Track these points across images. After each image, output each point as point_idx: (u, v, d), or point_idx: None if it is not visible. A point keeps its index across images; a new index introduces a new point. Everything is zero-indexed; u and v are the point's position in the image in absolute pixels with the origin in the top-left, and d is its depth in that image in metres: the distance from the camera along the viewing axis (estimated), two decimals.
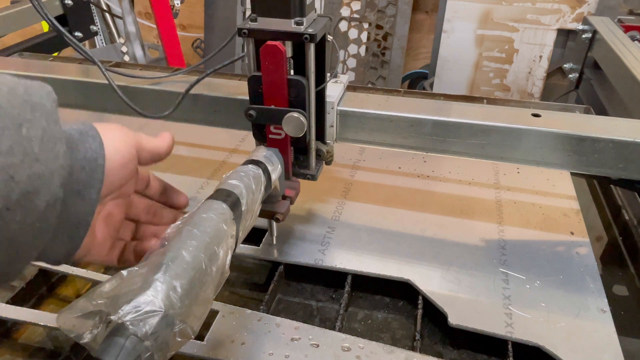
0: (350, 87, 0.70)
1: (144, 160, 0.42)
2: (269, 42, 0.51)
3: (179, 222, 0.40)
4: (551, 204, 0.75)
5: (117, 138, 0.39)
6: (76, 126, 0.37)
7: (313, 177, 0.62)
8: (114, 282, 0.34)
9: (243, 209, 0.45)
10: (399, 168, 0.84)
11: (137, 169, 0.43)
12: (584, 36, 1.10)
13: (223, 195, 0.44)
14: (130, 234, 0.47)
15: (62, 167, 0.32)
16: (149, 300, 0.32)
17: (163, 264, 0.35)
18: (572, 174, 0.81)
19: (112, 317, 0.31)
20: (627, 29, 1.08)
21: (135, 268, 0.35)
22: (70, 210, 0.35)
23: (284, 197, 0.60)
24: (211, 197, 0.44)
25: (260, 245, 0.67)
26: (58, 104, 0.33)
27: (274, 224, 0.66)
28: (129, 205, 0.46)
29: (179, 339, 0.33)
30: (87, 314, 0.33)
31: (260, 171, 0.51)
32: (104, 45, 1.58)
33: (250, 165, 0.51)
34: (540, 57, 1.68)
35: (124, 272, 0.35)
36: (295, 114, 0.54)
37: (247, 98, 0.56)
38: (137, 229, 0.48)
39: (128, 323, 0.31)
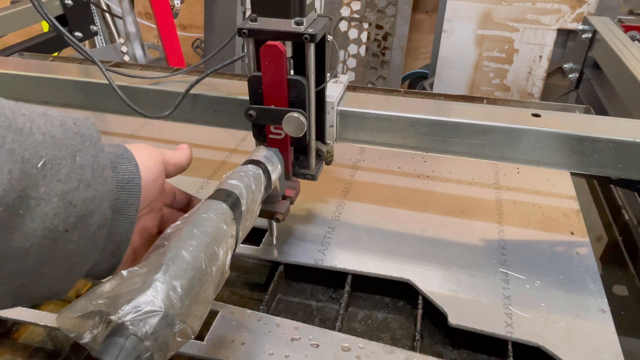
0: (350, 87, 0.70)
1: (170, 173, 0.46)
2: (269, 42, 0.51)
3: (179, 222, 0.40)
4: (551, 204, 0.75)
5: (147, 157, 0.42)
6: (112, 149, 0.40)
7: (313, 177, 0.62)
8: (114, 282, 0.34)
9: (243, 209, 0.45)
10: (399, 168, 0.84)
11: (164, 183, 0.46)
12: (584, 36, 1.10)
13: (223, 195, 0.44)
14: None
15: (110, 191, 0.36)
16: (149, 300, 0.32)
17: (163, 264, 0.35)
18: (572, 174, 0.81)
19: (112, 317, 0.31)
20: (627, 29, 1.08)
21: (135, 268, 0.35)
22: (113, 228, 0.38)
23: (284, 197, 0.60)
24: (211, 197, 0.44)
25: (260, 245, 0.67)
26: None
27: (274, 224, 0.66)
28: (161, 219, 0.48)
29: (179, 339, 0.33)
30: (87, 314, 0.33)
31: (260, 171, 0.51)
32: (104, 45, 1.58)
33: (250, 165, 0.51)
34: (540, 57, 1.68)
35: (124, 272, 0.35)
36: (295, 114, 0.54)
37: (247, 98, 0.56)
38: None
39: (128, 323, 0.31)
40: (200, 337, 0.53)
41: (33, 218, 0.30)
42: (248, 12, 1.98)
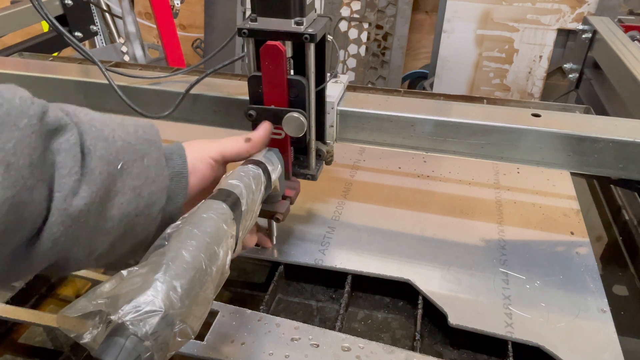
0: (350, 87, 0.70)
1: (230, 159, 0.53)
2: (269, 42, 0.51)
3: (179, 222, 0.40)
4: (551, 204, 0.75)
5: (197, 153, 0.49)
6: (169, 146, 0.48)
7: (313, 177, 0.62)
8: (114, 282, 0.34)
9: (243, 209, 0.45)
10: (399, 168, 0.84)
11: (218, 173, 0.52)
12: (584, 36, 1.10)
13: (223, 195, 0.44)
14: None
15: (167, 186, 0.45)
16: (149, 300, 0.32)
17: (163, 263, 0.35)
18: (572, 174, 0.81)
19: (112, 317, 0.31)
20: (627, 29, 1.08)
21: (135, 268, 0.35)
22: (165, 213, 0.46)
23: (284, 197, 0.60)
24: (211, 197, 0.44)
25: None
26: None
27: (274, 224, 0.66)
28: None
29: (179, 339, 0.33)
30: (87, 314, 0.33)
31: (260, 171, 0.51)
32: (104, 45, 1.58)
33: (250, 165, 0.51)
34: (540, 57, 1.68)
35: (124, 272, 0.35)
36: (295, 114, 0.54)
37: (247, 98, 0.56)
38: None
39: (128, 323, 0.30)
40: (200, 337, 0.53)
41: (113, 206, 0.40)
42: (248, 12, 1.97)
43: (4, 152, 0.31)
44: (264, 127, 0.55)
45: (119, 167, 0.40)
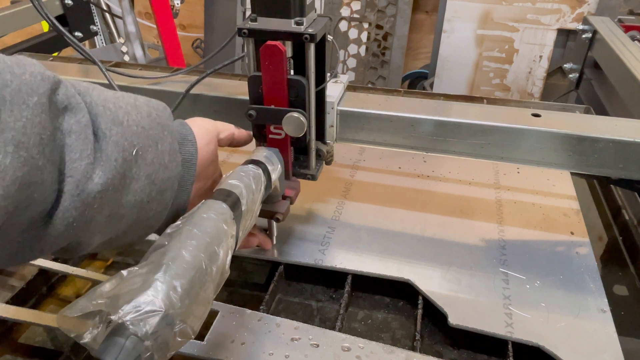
0: (350, 87, 0.70)
1: (222, 144, 0.55)
2: (269, 42, 0.51)
3: (179, 222, 0.40)
4: (551, 204, 0.75)
5: (204, 136, 0.50)
6: (179, 129, 0.48)
7: (313, 177, 0.62)
8: (114, 282, 0.34)
9: (243, 208, 0.45)
10: (399, 168, 0.84)
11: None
12: (584, 36, 1.10)
13: (223, 195, 0.44)
14: None
15: (179, 172, 0.45)
16: (149, 300, 0.32)
17: (163, 263, 0.35)
18: (572, 174, 0.81)
19: (112, 317, 0.31)
20: (627, 29, 1.08)
21: (135, 268, 0.35)
22: (175, 198, 0.47)
23: (284, 197, 0.60)
24: (211, 197, 0.44)
25: None
26: None
27: (274, 224, 0.66)
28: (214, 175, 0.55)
29: (179, 339, 0.33)
30: (87, 314, 0.33)
31: (260, 171, 0.51)
32: (104, 45, 1.58)
33: (250, 165, 0.51)
34: (540, 57, 1.68)
35: (124, 272, 0.35)
36: (295, 114, 0.54)
37: (247, 98, 0.56)
38: None
39: (128, 323, 0.31)
40: (200, 337, 0.53)
41: (128, 192, 0.40)
42: (248, 12, 1.97)
43: (15, 131, 0.30)
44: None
45: (133, 153, 0.39)
